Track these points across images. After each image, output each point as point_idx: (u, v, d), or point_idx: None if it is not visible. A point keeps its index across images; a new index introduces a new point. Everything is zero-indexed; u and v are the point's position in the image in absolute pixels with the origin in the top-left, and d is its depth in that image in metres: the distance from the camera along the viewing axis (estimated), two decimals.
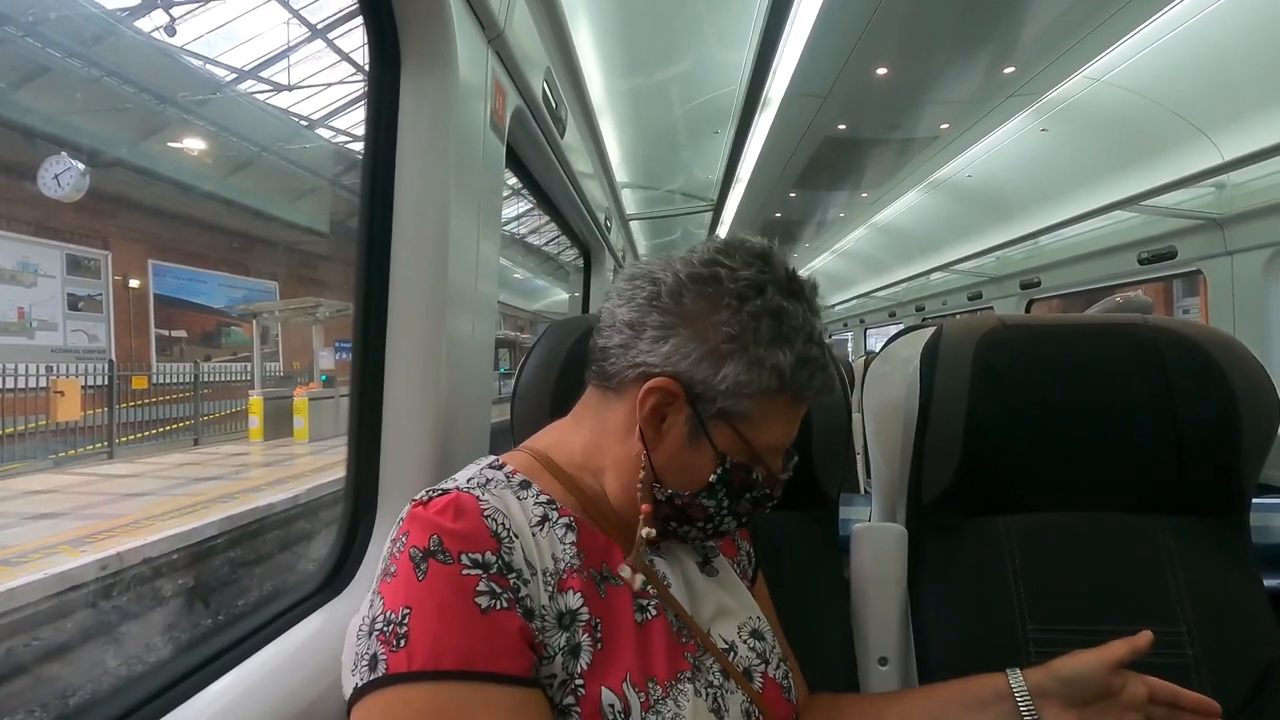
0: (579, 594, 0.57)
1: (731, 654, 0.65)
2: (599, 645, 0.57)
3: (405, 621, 0.50)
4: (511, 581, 0.53)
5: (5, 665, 3.68)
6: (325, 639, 0.80)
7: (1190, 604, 0.85)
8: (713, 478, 0.61)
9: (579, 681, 0.54)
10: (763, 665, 0.66)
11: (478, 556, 0.53)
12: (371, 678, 0.49)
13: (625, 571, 0.61)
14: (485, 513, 0.55)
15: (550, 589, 0.56)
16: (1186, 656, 0.83)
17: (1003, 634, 0.87)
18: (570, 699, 0.54)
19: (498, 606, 0.52)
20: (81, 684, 3.75)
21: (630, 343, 0.61)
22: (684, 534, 0.65)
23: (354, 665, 0.51)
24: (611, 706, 0.54)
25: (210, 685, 0.69)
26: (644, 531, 0.61)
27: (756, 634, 0.68)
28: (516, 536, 0.56)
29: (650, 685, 0.57)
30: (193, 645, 0.75)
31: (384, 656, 0.49)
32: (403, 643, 0.49)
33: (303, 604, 0.86)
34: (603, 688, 0.54)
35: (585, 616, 0.57)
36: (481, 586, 0.52)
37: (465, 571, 0.52)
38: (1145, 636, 0.63)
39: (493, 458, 0.67)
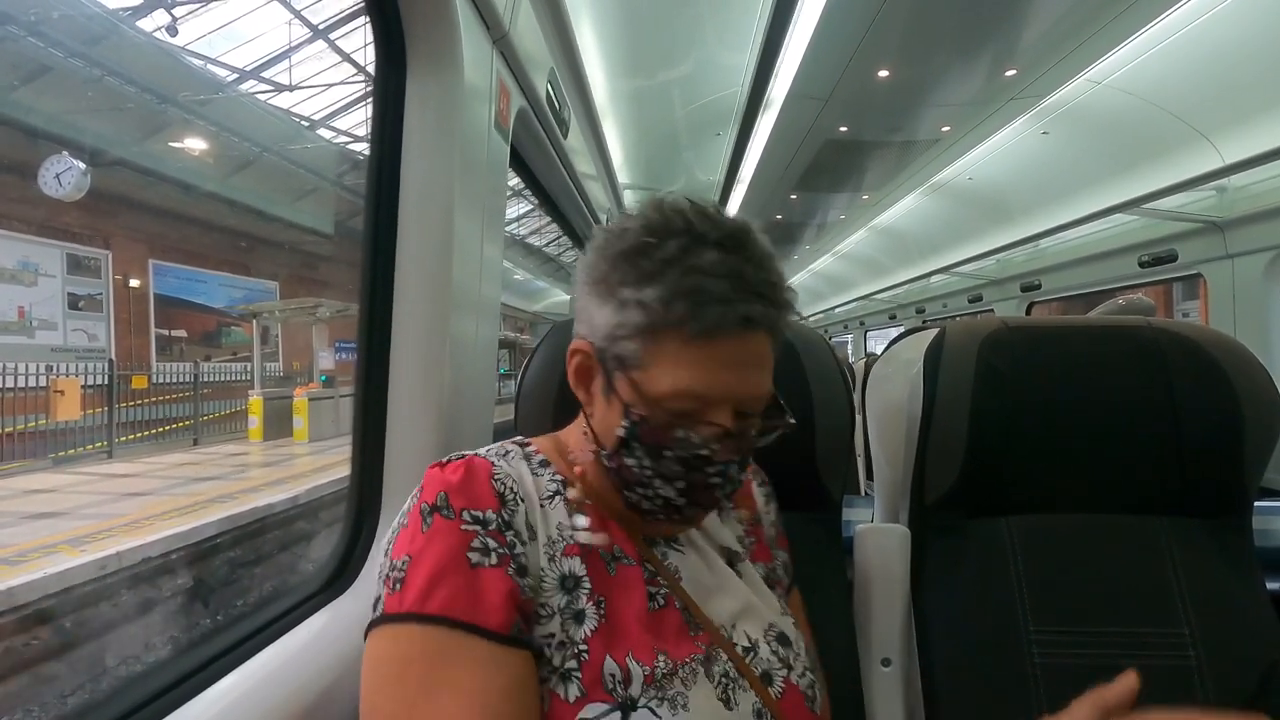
0: (582, 562, 0.60)
1: (752, 654, 0.63)
2: (605, 618, 0.58)
3: (404, 568, 0.55)
4: (509, 538, 0.57)
5: (4, 665, 3.68)
6: (329, 638, 0.80)
7: (1193, 606, 0.85)
8: (621, 431, 0.60)
9: (583, 647, 0.56)
10: (785, 670, 0.64)
11: (479, 514, 0.57)
12: (373, 617, 0.55)
13: (585, 537, 0.62)
14: (495, 476, 0.59)
15: (550, 553, 0.59)
16: (1189, 658, 0.83)
17: (1006, 635, 0.87)
18: (573, 662, 0.55)
19: (487, 563, 0.55)
20: (81, 684, 3.75)
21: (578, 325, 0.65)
22: (643, 508, 0.63)
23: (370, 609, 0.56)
24: (612, 675, 0.55)
25: (215, 684, 0.69)
26: (570, 491, 0.64)
27: (783, 638, 0.66)
28: (522, 501, 0.60)
29: (659, 659, 0.57)
30: (197, 644, 0.75)
31: (384, 598, 0.55)
32: (399, 586, 0.54)
33: (307, 603, 0.86)
34: (607, 656, 0.56)
35: (589, 585, 0.59)
36: (476, 543, 0.55)
37: (464, 527, 0.56)
38: (1129, 680, 0.53)
39: (521, 438, 0.71)
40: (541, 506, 0.62)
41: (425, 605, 0.53)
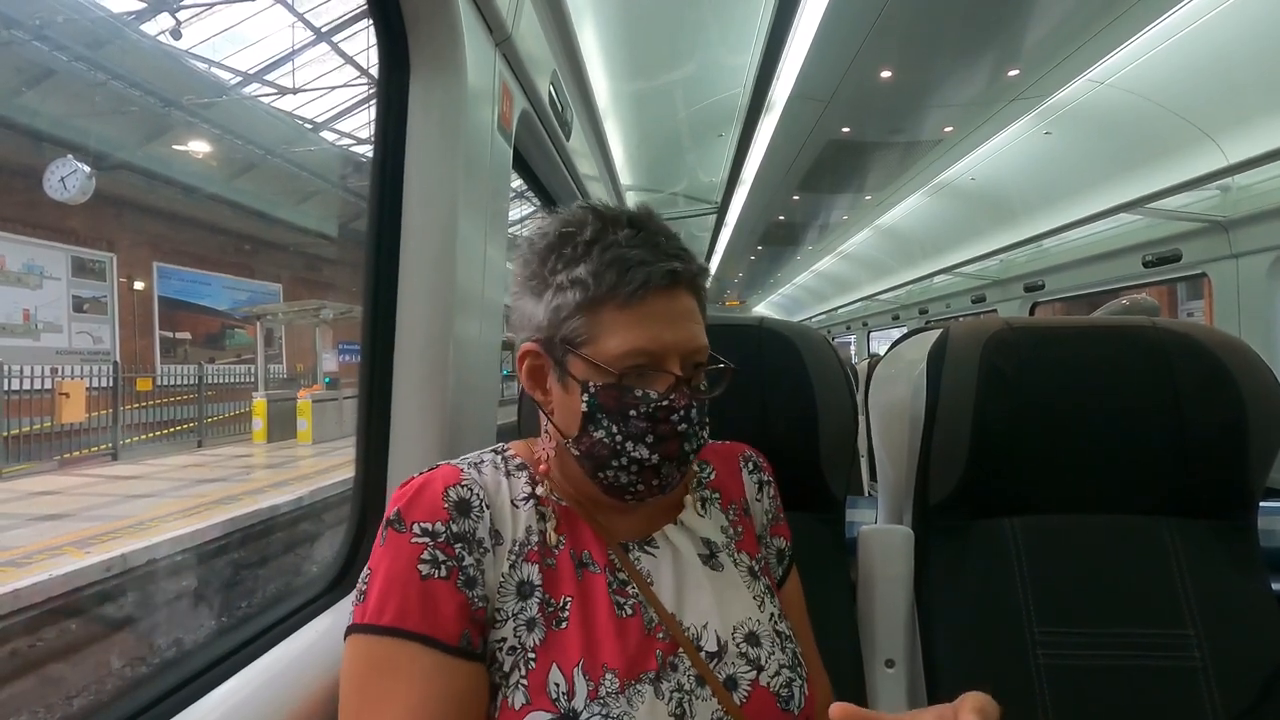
0: (539, 571, 0.62)
1: (717, 659, 0.63)
2: (562, 625, 0.60)
3: (367, 581, 0.58)
4: (457, 550, 0.59)
5: (9, 667, 3.69)
6: (333, 640, 0.80)
7: (1198, 607, 0.85)
8: (584, 407, 0.63)
9: (531, 655, 0.58)
10: (753, 673, 0.64)
11: (428, 526, 0.59)
12: (346, 627, 0.58)
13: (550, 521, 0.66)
14: (461, 482, 0.62)
15: (514, 558, 0.61)
16: (1194, 659, 0.83)
17: (1010, 636, 0.87)
18: (521, 670, 0.57)
19: (436, 575, 0.57)
20: (86, 684, 3.76)
21: (516, 334, 0.69)
22: (621, 481, 0.64)
23: None
24: (556, 685, 0.57)
25: (220, 686, 0.69)
26: (539, 489, 0.67)
27: (752, 638, 0.66)
28: (488, 507, 0.62)
29: (606, 677, 0.57)
30: (202, 646, 0.76)
31: (352, 610, 0.58)
32: (362, 599, 0.58)
33: (310, 605, 0.87)
34: (553, 664, 0.57)
35: (541, 595, 0.61)
36: (425, 555, 0.58)
37: (414, 540, 0.58)
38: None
39: (502, 444, 0.73)
40: (515, 507, 0.64)
41: (380, 616, 0.56)
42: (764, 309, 15.13)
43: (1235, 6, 2.26)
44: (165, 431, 9.73)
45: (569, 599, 0.61)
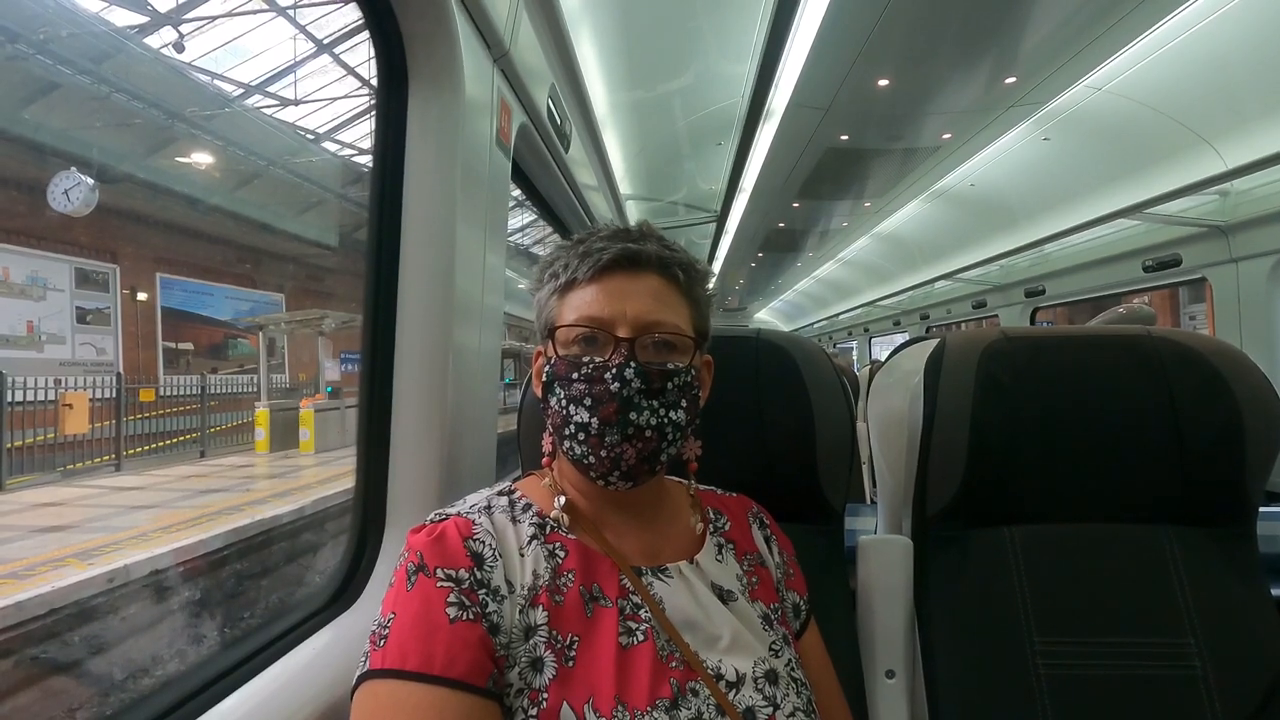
0: (545, 611, 0.62)
1: (736, 689, 0.63)
2: (569, 662, 0.59)
3: (389, 625, 0.58)
4: (481, 597, 0.60)
5: (12, 679, 3.69)
6: (333, 655, 0.80)
7: (1198, 615, 0.85)
8: (544, 378, 0.69)
9: (544, 694, 0.58)
10: (770, 709, 0.63)
11: (452, 572, 0.60)
12: (359, 672, 0.57)
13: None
14: (475, 535, 0.63)
15: (523, 604, 0.62)
16: (1194, 668, 0.83)
17: (1010, 646, 0.86)
18: (534, 710, 0.57)
19: (464, 618, 0.58)
20: (88, 696, 3.75)
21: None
22: (581, 458, 0.66)
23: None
24: None
25: (219, 703, 0.69)
26: (551, 514, 0.69)
27: (771, 676, 0.65)
28: (500, 557, 0.63)
29: (619, 711, 0.57)
30: (201, 663, 0.76)
31: (368, 654, 0.57)
32: (383, 643, 0.57)
33: (310, 620, 0.86)
34: (564, 703, 0.57)
35: (545, 634, 0.61)
36: (452, 598, 0.59)
37: (440, 584, 0.59)
38: None
39: (507, 483, 0.74)
40: (521, 555, 0.65)
41: (405, 661, 0.55)
42: (766, 315, 15.15)
43: (1231, 12, 2.26)
44: (168, 442, 9.72)
45: (576, 637, 0.61)
